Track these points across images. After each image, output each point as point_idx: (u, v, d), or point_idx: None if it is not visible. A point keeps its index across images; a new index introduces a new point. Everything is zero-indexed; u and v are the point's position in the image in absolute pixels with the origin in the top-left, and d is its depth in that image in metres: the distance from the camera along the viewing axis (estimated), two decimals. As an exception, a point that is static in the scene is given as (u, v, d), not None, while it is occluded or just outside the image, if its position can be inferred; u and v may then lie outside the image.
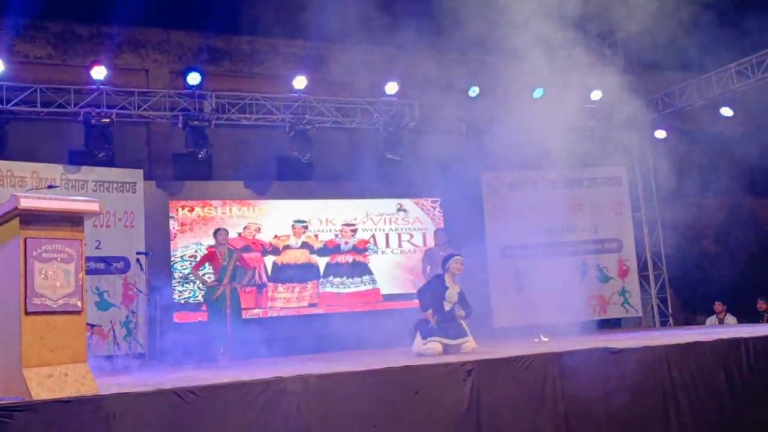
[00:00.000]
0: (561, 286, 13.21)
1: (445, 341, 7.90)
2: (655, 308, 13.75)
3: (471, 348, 7.91)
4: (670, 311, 13.77)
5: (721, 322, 13.01)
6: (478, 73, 12.79)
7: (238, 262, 10.02)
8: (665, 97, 13.55)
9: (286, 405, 5.46)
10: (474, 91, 12.85)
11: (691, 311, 14.74)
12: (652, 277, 13.83)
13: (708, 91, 12.89)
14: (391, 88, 12.64)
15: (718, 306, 13.16)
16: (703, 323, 13.57)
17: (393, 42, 11.82)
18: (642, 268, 13.82)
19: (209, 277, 10.15)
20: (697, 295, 14.40)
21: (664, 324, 13.63)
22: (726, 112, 12.97)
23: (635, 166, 14.11)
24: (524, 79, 11.22)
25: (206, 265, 10.31)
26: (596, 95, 13.24)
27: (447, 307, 8.21)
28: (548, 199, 13.39)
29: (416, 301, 8.79)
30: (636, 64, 13.82)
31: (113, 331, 10.66)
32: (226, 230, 10.37)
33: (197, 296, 11.59)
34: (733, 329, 10.23)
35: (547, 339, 9.73)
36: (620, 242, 13.67)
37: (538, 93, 12.66)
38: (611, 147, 13.71)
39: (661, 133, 13.57)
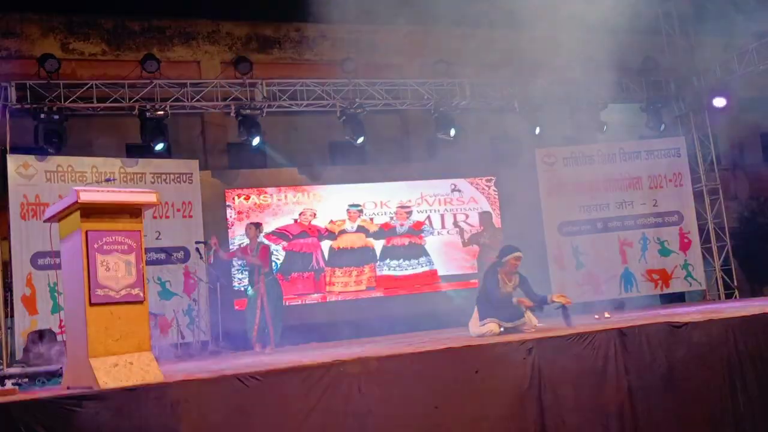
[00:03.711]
0: (620, 262, 13.05)
1: (503, 324, 7.73)
2: (720, 281, 13.43)
3: (532, 326, 7.75)
4: (735, 283, 13.45)
5: None
6: (528, 48, 12.61)
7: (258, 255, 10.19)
8: (724, 63, 13.15)
9: (346, 388, 5.48)
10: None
11: (757, 283, 14.36)
12: (715, 250, 13.50)
13: (768, 56, 12.47)
14: (440, 68, 12.54)
15: None
16: (769, 295, 13.26)
17: (440, 21, 11.71)
18: (704, 240, 13.51)
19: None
20: (763, 266, 14.02)
21: (729, 296, 13.31)
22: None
23: (694, 137, 13.74)
24: (576, 51, 11.01)
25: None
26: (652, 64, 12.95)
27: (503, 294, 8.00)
28: (605, 174, 13.21)
29: (474, 280, 8.67)
30: (693, 30, 13.45)
31: (176, 319, 10.87)
32: (253, 224, 10.42)
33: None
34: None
35: (608, 315, 9.58)
36: (681, 215, 13.38)
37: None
38: (668, 117, 13.43)
39: (720, 101, 13.17)
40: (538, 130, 12.75)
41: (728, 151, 14.77)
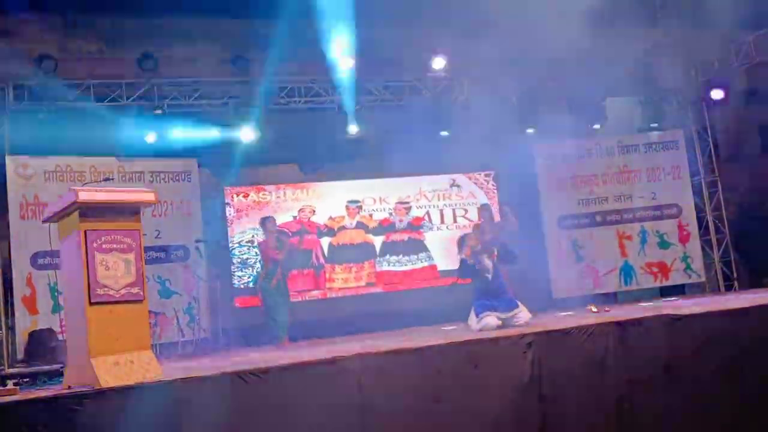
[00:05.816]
0: (619, 255, 13.08)
1: (499, 315, 7.90)
2: (719, 273, 13.44)
3: (525, 318, 7.92)
4: (734, 275, 13.46)
5: None
6: (526, 43, 12.59)
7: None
8: (722, 55, 13.13)
9: (346, 384, 5.51)
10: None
11: (757, 274, 14.35)
12: (714, 242, 13.51)
13: (766, 48, 12.45)
14: (438, 63, 12.54)
15: None
16: (768, 286, 13.24)
17: (438, 16, 11.70)
18: (704, 232, 13.52)
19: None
20: (762, 258, 14.01)
21: (728, 288, 13.33)
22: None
23: (692, 129, 13.74)
24: (573, 45, 11.01)
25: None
26: (649, 57, 12.93)
27: (488, 275, 8.23)
28: (603, 167, 13.24)
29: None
30: (689, 21, 13.43)
31: (177, 317, 10.88)
32: (273, 218, 10.57)
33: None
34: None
35: (608, 309, 9.60)
36: (680, 207, 13.39)
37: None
38: (666, 110, 13.44)
39: (717, 93, 13.16)
40: (531, 131, 12.81)
41: (726, 144, 14.75)
